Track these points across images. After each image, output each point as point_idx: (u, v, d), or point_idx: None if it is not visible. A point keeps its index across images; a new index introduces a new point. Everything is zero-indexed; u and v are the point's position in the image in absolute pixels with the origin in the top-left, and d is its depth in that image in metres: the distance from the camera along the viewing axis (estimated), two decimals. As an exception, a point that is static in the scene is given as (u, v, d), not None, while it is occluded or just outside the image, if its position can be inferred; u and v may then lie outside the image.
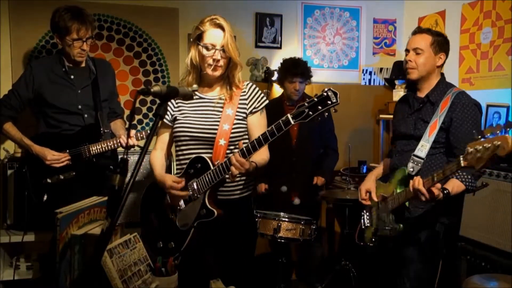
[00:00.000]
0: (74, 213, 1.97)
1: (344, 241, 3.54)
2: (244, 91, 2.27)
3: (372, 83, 4.67)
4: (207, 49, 2.17)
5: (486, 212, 3.16)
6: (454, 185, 2.25)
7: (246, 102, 2.25)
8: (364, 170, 4.24)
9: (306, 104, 1.89)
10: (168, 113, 2.30)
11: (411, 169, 2.40)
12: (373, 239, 2.59)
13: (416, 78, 2.50)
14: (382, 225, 2.51)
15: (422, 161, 2.39)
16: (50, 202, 2.74)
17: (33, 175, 2.88)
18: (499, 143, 1.77)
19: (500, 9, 3.70)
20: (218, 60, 2.17)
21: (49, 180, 2.82)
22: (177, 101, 2.29)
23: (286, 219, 3.22)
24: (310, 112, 1.88)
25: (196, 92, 2.27)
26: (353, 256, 3.56)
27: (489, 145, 1.81)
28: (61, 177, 2.84)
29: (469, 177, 2.28)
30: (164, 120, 2.32)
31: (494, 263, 3.14)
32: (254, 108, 2.26)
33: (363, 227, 2.71)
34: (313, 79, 3.80)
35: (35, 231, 3.10)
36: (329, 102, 1.86)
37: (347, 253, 3.55)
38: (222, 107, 2.23)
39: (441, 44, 2.51)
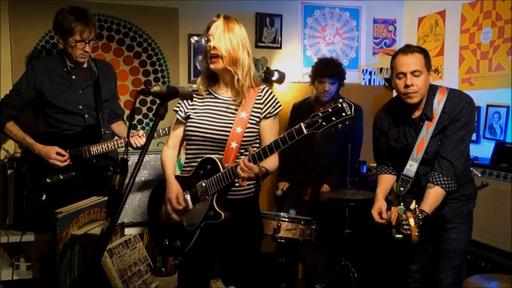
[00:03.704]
0: (74, 213, 1.98)
1: (344, 241, 3.53)
2: (260, 95, 2.25)
3: (372, 83, 4.67)
4: (208, 40, 2.17)
5: (486, 212, 3.16)
6: (432, 203, 2.28)
7: (261, 106, 2.24)
8: (364, 170, 4.23)
9: (320, 114, 1.90)
10: (182, 109, 2.30)
11: (401, 189, 2.41)
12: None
13: (417, 102, 2.40)
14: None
15: (410, 180, 2.40)
16: (49, 202, 2.74)
17: (32, 175, 2.88)
18: (409, 232, 2.13)
19: (500, 9, 3.69)
20: (214, 48, 2.14)
21: (48, 180, 2.82)
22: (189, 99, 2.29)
23: (286, 219, 3.22)
24: (324, 123, 1.88)
25: (212, 92, 2.28)
26: (353, 256, 3.56)
27: (407, 228, 2.14)
28: (61, 177, 2.84)
29: (445, 179, 2.32)
30: (178, 117, 2.32)
31: (494, 263, 3.14)
32: (269, 113, 2.24)
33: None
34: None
35: (34, 231, 3.10)
36: (344, 114, 1.87)
37: (347, 253, 3.54)
38: (236, 109, 2.22)
39: (429, 61, 2.43)
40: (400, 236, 2.33)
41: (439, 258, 2.52)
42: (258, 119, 2.23)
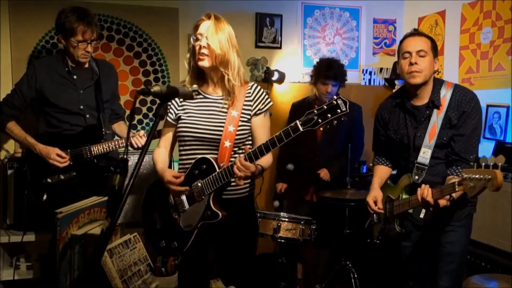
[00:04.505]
0: (74, 213, 1.97)
1: (344, 241, 3.54)
2: (249, 92, 2.25)
3: (372, 83, 4.67)
4: (196, 39, 2.17)
5: (486, 212, 3.16)
6: None
7: (251, 103, 2.24)
8: (364, 170, 4.24)
9: (315, 111, 1.90)
10: (172, 111, 2.30)
11: (416, 177, 2.40)
12: (379, 237, 2.62)
13: (421, 83, 2.39)
14: (388, 227, 2.52)
15: (426, 168, 2.39)
16: (50, 202, 2.74)
17: (33, 175, 2.88)
18: (489, 177, 1.87)
19: (500, 9, 3.69)
20: (204, 47, 2.15)
21: (49, 180, 2.82)
22: (181, 99, 2.29)
23: (286, 219, 3.22)
24: (319, 120, 1.89)
25: (201, 92, 2.27)
26: (353, 256, 3.56)
27: (482, 177, 1.90)
28: (62, 177, 2.84)
29: None
30: (168, 119, 2.32)
31: (494, 263, 3.14)
32: (259, 109, 2.25)
33: (372, 223, 2.70)
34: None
35: (35, 231, 3.10)
36: (339, 110, 1.87)
37: (347, 253, 3.55)
38: (227, 108, 2.22)
39: (436, 48, 2.46)
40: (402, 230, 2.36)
41: (437, 261, 2.50)
42: (249, 117, 2.24)
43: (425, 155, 2.39)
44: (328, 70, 3.55)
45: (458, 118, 2.36)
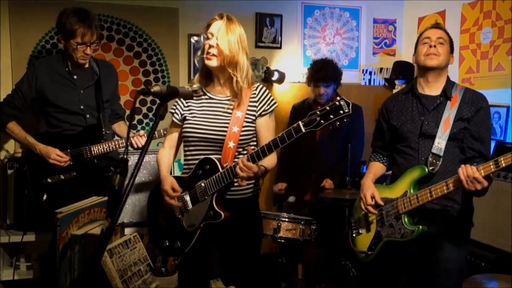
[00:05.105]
0: (74, 213, 1.97)
1: (344, 241, 3.53)
2: (255, 93, 2.25)
3: (372, 83, 4.67)
4: (207, 37, 2.19)
5: (486, 212, 3.16)
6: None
7: (256, 104, 2.24)
8: (364, 170, 4.23)
9: (318, 112, 1.90)
10: (178, 112, 2.31)
11: (432, 167, 2.36)
12: (373, 247, 2.55)
13: (436, 66, 2.41)
14: (389, 230, 2.45)
15: (440, 158, 2.37)
16: (50, 202, 2.75)
17: (33, 175, 2.89)
18: None
19: (500, 9, 3.69)
20: (212, 47, 2.16)
21: (49, 180, 2.82)
22: (187, 100, 2.29)
23: (286, 219, 3.22)
24: (322, 121, 1.88)
25: (206, 92, 2.28)
26: (353, 256, 3.55)
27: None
28: (62, 177, 2.84)
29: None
30: (174, 119, 2.32)
31: (494, 263, 3.14)
32: (264, 110, 2.25)
33: (354, 235, 2.67)
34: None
35: (35, 231, 3.10)
36: (341, 111, 1.87)
37: (347, 253, 3.54)
38: (232, 109, 2.22)
39: (453, 45, 2.52)
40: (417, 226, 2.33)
41: (434, 277, 2.43)
42: (253, 118, 2.24)
43: (439, 145, 2.37)
44: (318, 72, 3.56)
45: (474, 112, 2.38)
